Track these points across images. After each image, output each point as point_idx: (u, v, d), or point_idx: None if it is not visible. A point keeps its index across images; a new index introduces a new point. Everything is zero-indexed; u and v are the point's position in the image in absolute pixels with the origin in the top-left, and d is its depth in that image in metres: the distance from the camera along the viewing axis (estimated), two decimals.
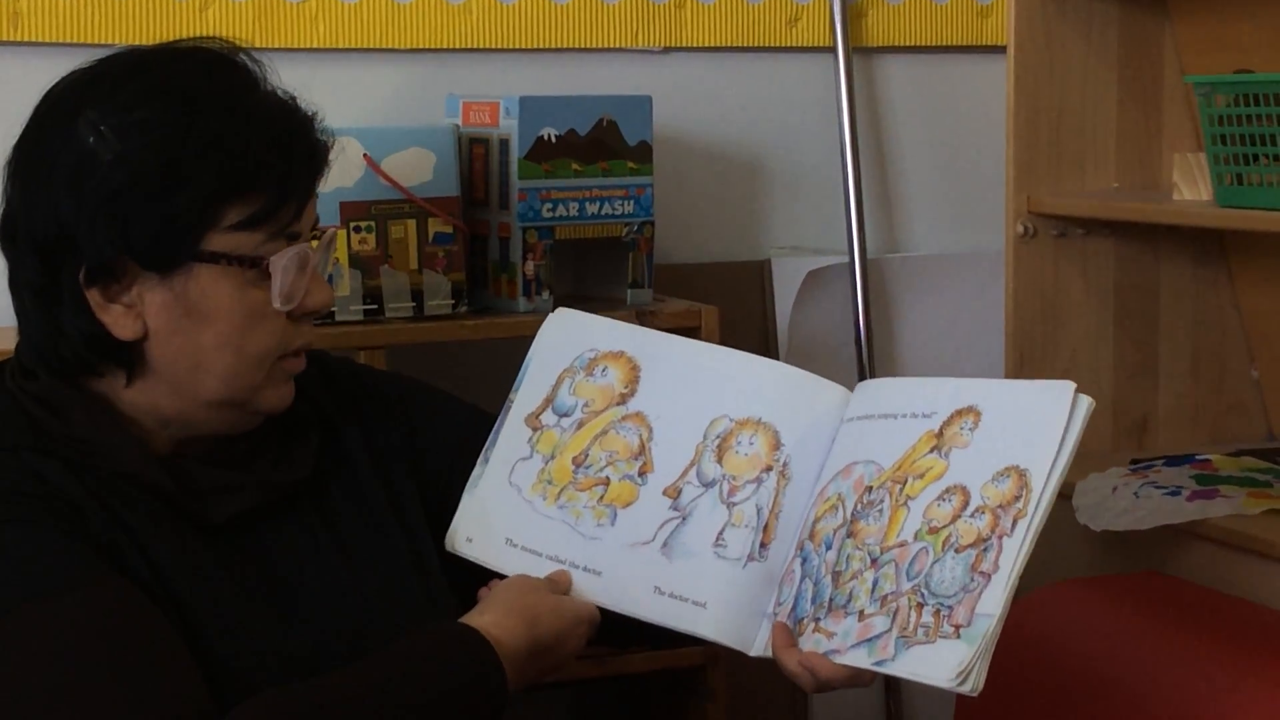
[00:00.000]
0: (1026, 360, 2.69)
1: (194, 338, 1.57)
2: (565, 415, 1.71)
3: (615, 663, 2.40)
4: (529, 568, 1.65)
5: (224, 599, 1.56)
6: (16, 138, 1.60)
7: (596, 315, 1.78)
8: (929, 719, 2.85)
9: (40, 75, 1.64)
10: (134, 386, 1.59)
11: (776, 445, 1.63)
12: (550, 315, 1.79)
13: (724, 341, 2.46)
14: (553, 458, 1.69)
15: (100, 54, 1.62)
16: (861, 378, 2.76)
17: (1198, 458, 2.61)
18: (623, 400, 1.70)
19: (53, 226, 1.55)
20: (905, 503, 1.53)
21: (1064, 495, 2.46)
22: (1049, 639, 2.25)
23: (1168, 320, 2.78)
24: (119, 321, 1.56)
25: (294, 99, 1.62)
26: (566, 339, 1.75)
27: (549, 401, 1.72)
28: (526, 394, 1.73)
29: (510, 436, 1.72)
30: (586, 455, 1.68)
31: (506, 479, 1.70)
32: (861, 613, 1.51)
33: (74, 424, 1.57)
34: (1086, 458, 2.61)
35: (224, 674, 1.52)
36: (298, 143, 1.59)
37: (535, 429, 1.71)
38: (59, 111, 1.58)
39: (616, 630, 1.67)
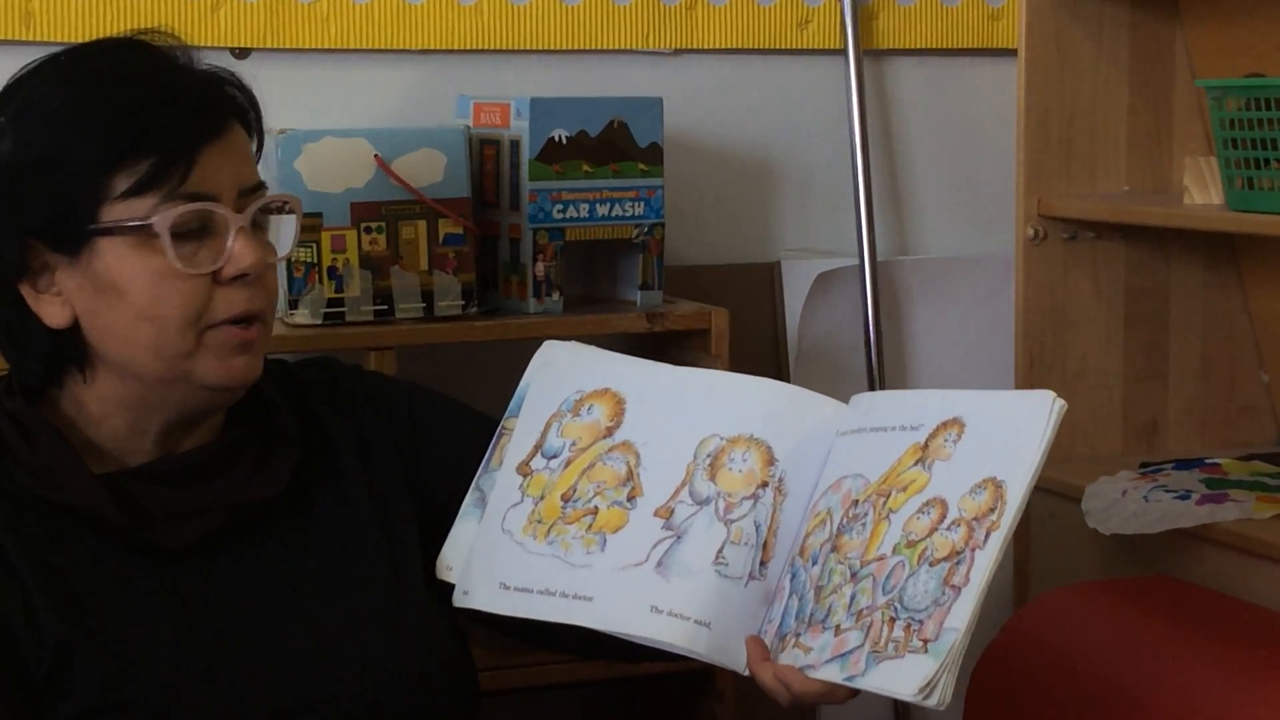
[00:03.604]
0: (1036, 363, 2.69)
1: (113, 314, 1.57)
2: (553, 457, 1.69)
3: (622, 665, 2.40)
4: (522, 607, 1.63)
5: (164, 635, 1.55)
6: None
7: (585, 346, 1.76)
8: None
9: None
10: (94, 384, 1.60)
11: (770, 461, 1.60)
12: (540, 350, 1.76)
13: (734, 344, 2.48)
14: (542, 498, 1.67)
15: None
16: (871, 380, 2.77)
17: (1207, 462, 2.60)
18: (609, 433, 1.67)
19: None
20: (887, 516, 1.52)
21: (1073, 498, 2.46)
22: (1058, 642, 2.25)
23: (1178, 324, 2.78)
24: (48, 311, 1.58)
25: (208, 68, 1.61)
26: (555, 380, 1.73)
27: (538, 448, 1.70)
28: (517, 442, 1.71)
29: (502, 486, 1.70)
30: (575, 490, 1.66)
31: (499, 527, 1.67)
32: (838, 627, 1.50)
33: (38, 450, 1.58)
34: (1095, 461, 2.62)
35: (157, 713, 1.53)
36: (180, 103, 1.57)
37: (525, 475, 1.69)
38: None
39: (615, 647, 1.65)
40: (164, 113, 1.56)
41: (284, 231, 1.68)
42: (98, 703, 1.52)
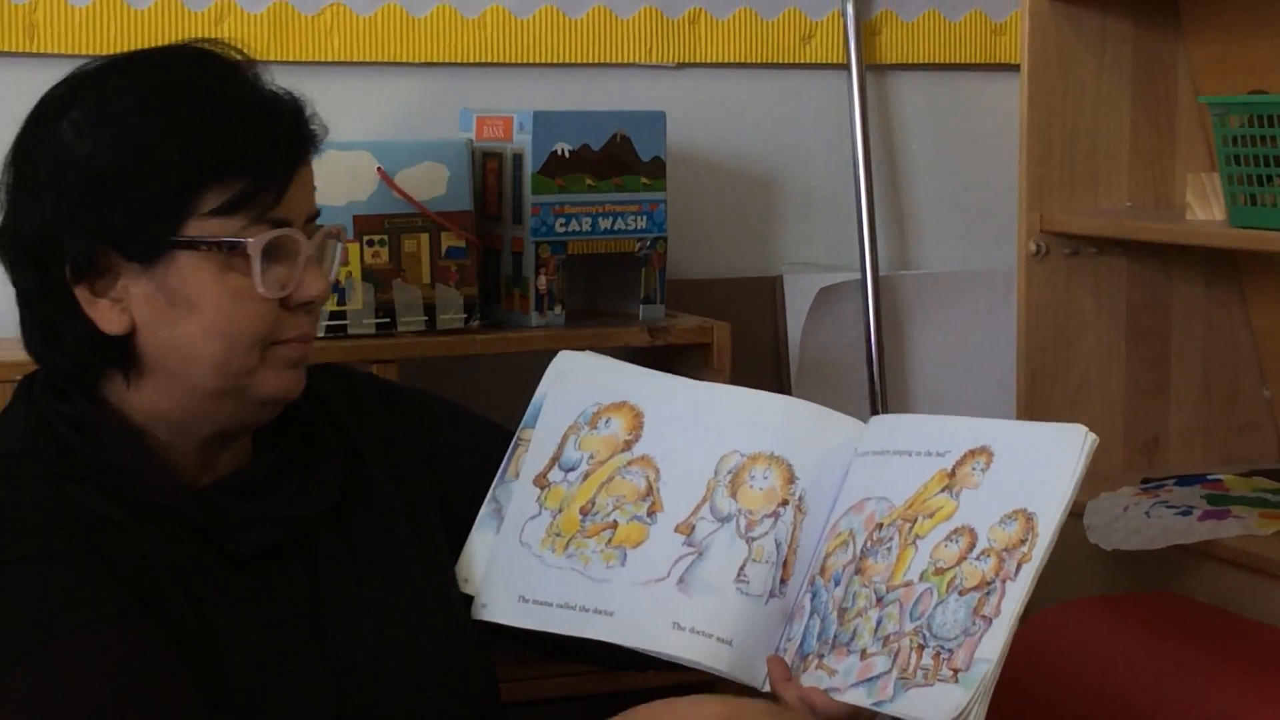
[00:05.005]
0: (1038, 378, 2.69)
1: (181, 327, 1.55)
2: (571, 470, 1.69)
3: (627, 678, 2.40)
4: (541, 620, 1.63)
5: (254, 631, 1.55)
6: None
7: (601, 357, 1.76)
8: None
9: None
10: (134, 389, 1.58)
11: (791, 479, 1.61)
12: (555, 360, 1.76)
13: (736, 358, 2.48)
14: (560, 511, 1.67)
15: None
16: (873, 394, 2.77)
17: (1209, 478, 2.60)
18: (627, 447, 1.67)
19: (39, 228, 1.55)
20: (914, 542, 1.52)
21: (1075, 514, 2.45)
22: (1060, 658, 2.25)
23: (1180, 340, 2.78)
24: (105, 316, 1.55)
25: (285, 91, 1.60)
26: (571, 392, 1.73)
27: (555, 460, 1.70)
28: (534, 454, 1.71)
29: (519, 498, 1.70)
30: (593, 503, 1.66)
31: (517, 540, 1.67)
32: (864, 651, 1.50)
33: (105, 449, 1.56)
34: (1097, 477, 2.61)
35: (252, 707, 1.52)
36: (277, 126, 1.56)
37: (543, 487, 1.69)
38: (46, 116, 1.58)
39: (627, 656, 1.65)
40: (263, 135, 1.55)
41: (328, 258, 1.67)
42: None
